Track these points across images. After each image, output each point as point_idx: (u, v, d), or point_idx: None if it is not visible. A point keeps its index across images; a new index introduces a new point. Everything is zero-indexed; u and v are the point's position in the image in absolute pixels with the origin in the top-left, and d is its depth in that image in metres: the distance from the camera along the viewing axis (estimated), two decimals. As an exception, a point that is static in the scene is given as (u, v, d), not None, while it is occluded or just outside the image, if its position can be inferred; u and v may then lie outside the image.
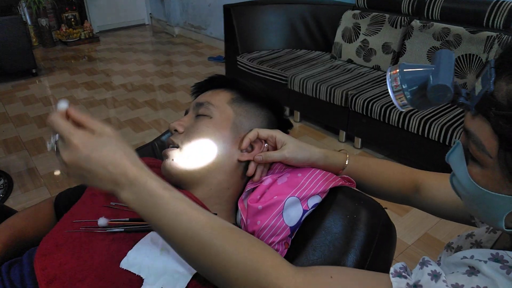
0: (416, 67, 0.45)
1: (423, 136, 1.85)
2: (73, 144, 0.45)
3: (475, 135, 0.38)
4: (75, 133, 0.46)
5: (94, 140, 0.46)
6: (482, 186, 0.39)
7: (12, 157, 2.21)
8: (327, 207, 0.66)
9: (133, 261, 0.55)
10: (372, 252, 0.62)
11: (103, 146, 0.46)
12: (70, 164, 0.46)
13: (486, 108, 0.36)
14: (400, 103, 0.46)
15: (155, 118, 2.69)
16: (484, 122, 0.37)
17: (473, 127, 0.38)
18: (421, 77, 0.43)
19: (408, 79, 0.44)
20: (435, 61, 0.44)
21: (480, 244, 0.51)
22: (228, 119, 0.69)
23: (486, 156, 0.37)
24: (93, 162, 0.45)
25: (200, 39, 4.46)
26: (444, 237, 1.60)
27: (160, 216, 0.46)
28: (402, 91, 0.45)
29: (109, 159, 0.46)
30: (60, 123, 0.46)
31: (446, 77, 0.40)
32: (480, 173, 0.39)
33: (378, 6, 2.44)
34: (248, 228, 0.65)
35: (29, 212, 0.78)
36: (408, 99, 0.45)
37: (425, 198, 0.65)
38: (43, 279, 0.56)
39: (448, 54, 0.44)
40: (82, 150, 0.45)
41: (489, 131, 0.36)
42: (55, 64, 3.81)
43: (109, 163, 0.46)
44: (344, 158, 0.70)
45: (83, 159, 0.45)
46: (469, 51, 1.99)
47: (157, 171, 0.72)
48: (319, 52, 2.77)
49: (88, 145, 0.45)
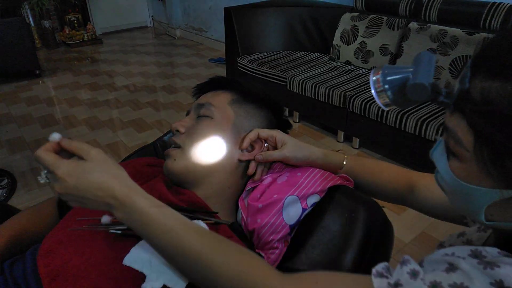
0: (397, 68, 0.47)
1: (419, 136, 1.87)
2: (59, 176, 0.47)
3: (453, 131, 0.39)
4: (59, 165, 0.48)
5: (78, 168, 0.48)
6: (462, 180, 0.40)
7: (16, 156, 2.23)
8: (326, 205, 0.67)
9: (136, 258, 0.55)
10: (370, 250, 0.63)
11: (89, 172, 0.48)
12: (62, 194, 0.49)
13: (463, 104, 0.38)
14: (383, 102, 0.48)
15: (157, 118, 2.72)
16: (461, 118, 0.38)
17: (451, 123, 0.40)
18: (401, 77, 0.46)
19: (389, 80, 0.47)
20: (415, 62, 0.46)
21: (471, 242, 0.52)
22: (229, 120, 0.70)
23: (464, 151, 0.39)
24: (82, 189, 0.48)
25: (201, 41, 4.48)
26: (441, 236, 1.62)
27: (151, 234, 0.49)
28: (385, 91, 0.47)
29: (95, 184, 0.48)
30: (45, 157, 0.48)
31: (424, 77, 0.42)
32: (459, 167, 0.41)
33: (376, 8, 2.46)
34: (249, 226, 0.66)
35: (32, 211, 0.79)
36: (390, 98, 0.47)
37: (419, 199, 0.66)
38: (46, 276, 0.56)
39: (428, 56, 0.47)
40: (69, 181, 0.47)
41: (466, 127, 0.38)
42: (58, 65, 3.83)
43: (96, 188, 0.48)
44: (342, 158, 0.71)
45: (71, 188, 0.48)
46: (466, 53, 2.01)
47: (159, 170, 0.74)
48: (318, 53, 2.79)
49: (73, 175, 0.47)
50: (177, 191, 0.69)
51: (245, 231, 0.68)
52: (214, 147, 0.68)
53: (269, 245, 0.65)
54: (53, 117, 2.75)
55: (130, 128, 2.58)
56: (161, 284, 0.53)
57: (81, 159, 0.50)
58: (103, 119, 2.70)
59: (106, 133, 2.52)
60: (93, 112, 2.81)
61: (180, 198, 0.66)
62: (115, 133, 2.53)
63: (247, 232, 0.67)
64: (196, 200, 0.66)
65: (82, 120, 2.69)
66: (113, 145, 2.37)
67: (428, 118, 1.85)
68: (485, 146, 0.37)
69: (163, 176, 0.72)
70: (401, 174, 0.70)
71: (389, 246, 0.69)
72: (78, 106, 2.92)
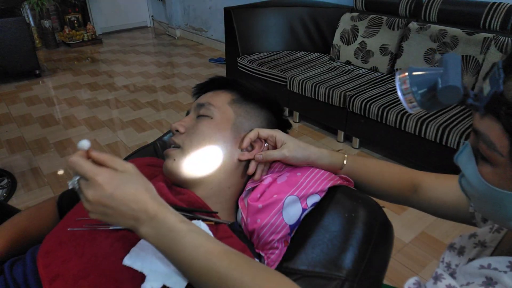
0: (425, 70, 0.45)
1: (420, 136, 1.87)
2: (98, 183, 0.46)
3: (485, 135, 0.38)
4: (99, 173, 0.47)
5: (117, 178, 0.48)
6: (494, 185, 0.39)
7: (16, 156, 2.23)
8: (326, 205, 0.67)
9: (136, 258, 0.55)
10: (370, 250, 0.63)
11: (126, 183, 0.48)
12: (94, 202, 0.47)
13: (496, 107, 0.36)
14: (409, 105, 0.46)
15: (157, 118, 2.72)
16: (494, 121, 0.37)
17: (482, 127, 0.38)
18: (430, 79, 0.44)
19: (417, 82, 0.45)
20: (442, 63, 0.45)
21: (484, 244, 0.51)
22: (229, 120, 0.70)
23: (497, 155, 0.37)
24: (117, 199, 0.47)
25: (201, 41, 4.48)
26: (441, 235, 1.62)
27: (179, 250, 0.48)
28: (412, 93, 0.45)
29: (131, 196, 0.47)
30: (83, 164, 0.47)
31: (455, 79, 0.41)
32: (491, 172, 0.39)
33: (376, 8, 2.46)
34: (248, 227, 0.66)
35: (32, 211, 0.78)
36: (418, 101, 0.45)
37: (423, 199, 0.65)
38: (46, 277, 0.56)
39: (454, 57, 0.45)
40: (106, 189, 0.46)
41: (500, 130, 0.36)
42: (58, 65, 3.83)
43: (131, 200, 0.47)
44: (342, 158, 0.71)
45: (106, 197, 0.47)
46: (466, 53, 2.02)
47: (159, 170, 0.74)
48: (318, 53, 2.80)
49: (112, 183, 0.47)
50: (177, 191, 0.69)
51: (245, 231, 0.68)
52: (214, 147, 0.68)
53: (269, 245, 0.65)
54: (53, 117, 2.75)
55: (130, 128, 2.58)
56: (161, 284, 0.53)
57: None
58: (103, 119, 2.70)
59: (106, 133, 2.52)
60: (93, 112, 2.81)
61: (180, 198, 0.66)
62: (115, 133, 2.53)
63: (247, 232, 0.67)
64: (196, 200, 0.66)
65: (82, 120, 2.69)
66: (113, 145, 2.37)
67: (428, 118, 1.85)
68: None
69: (163, 176, 0.72)
70: (403, 174, 0.69)
71: (389, 246, 0.69)
72: (78, 106, 2.92)
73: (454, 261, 0.53)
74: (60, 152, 2.29)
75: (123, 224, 0.49)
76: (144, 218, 0.48)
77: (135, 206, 0.47)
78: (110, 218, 0.49)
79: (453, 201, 0.61)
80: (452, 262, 0.53)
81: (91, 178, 0.47)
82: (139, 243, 0.57)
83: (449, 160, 2.06)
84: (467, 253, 0.52)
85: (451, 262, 0.53)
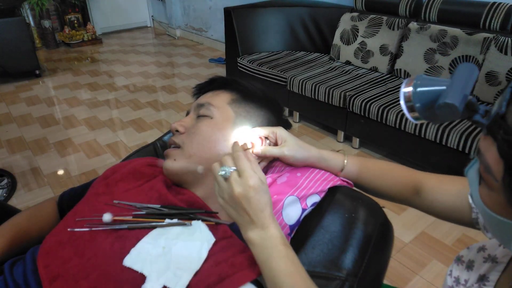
0: (430, 83, 0.44)
1: (419, 136, 1.87)
2: (249, 184, 0.51)
3: (484, 156, 0.36)
4: (254, 177, 0.52)
5: (261, 187, 0.53)
6: (489, 209, 0.37)
7: (16, 156, 2.23)
8: (326, 206, 0.67)
9: (136, 259, 0.55)
10: (370, 250, 0.63)
11: (264, 194, 0.53)
12: (234, 196, 0.52)
13: (495, 130, 0.34)
14: (412, 116, 0.45)
15: (157, 118, 2.72)
16: (492, 144, 0.35)
17: (483, 147, 0.37)
18: (434, 92, 0.43)
19: (420, 94, 0.44)
20: (453, 76, 0.43)
21: (495, 259, 0.49)
22: (229, 120, 0.70)
23: (492, 179, 0.36)
24: (251, 203, 0.52)
25: (201, 41, 4.49)
26: (441, 236, 1.62)
27: (271, 267, 0.51)
28: (414, 105, 0.44)
29: (262, 205, 0.53)
30: (245, 162, 0.52)
31: (456, 96, 0.39)
32: (487, 195, 0.38)
33: (376, 8, 2.46)
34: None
35: (32, 211, 0.78)
36: (421, 113, 0.44)
37: (426, 201, 0.64)
38: (46, 277, 0.56)
39: (469, 69, 0.43)
40: (251, 192, 0.51)
41: (496, 154, 0.34)
42: (58, 65, 3.84)
43: (260, 209, 0.52)
44: (342, 161, 0.70)
45: (246, 198, 0.52)
46: (466, 53, 2.02)
47: (159, 170, 0.74)
48: (318, 54, 2.80)
49: (256, 190, 0.52)
50: (177, 191, 0.69)
51: (245, 231, 0.68)
52: (214, 147, 0.68)
53: (270, 245, 0.65)
54: (53, 117, 2.76)
55: (130, 128, 2.58)
56: (161, 284, 0.53)
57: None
58: (103, 119, 2.70)
59: (106, 133, 2.52)
60: (93, 112, 2.81)
61: (180, 198, 0.67)
62: (115, 133, 2.53)
63: (247, 232, 0.67)
64: (196, 200, 0.66)
65: (82, 120, 2.69)
66: (113, 145, 2.37)
67: (428, 118, 1.85)
68: None
69: (163, 176, 0.72)
70: (405, 176, 0.68)
71: (389, 246, 0.69)
72: (78, 106, 2.92)
73: (463, 276, 0.52)
74: (60, 152, 2.29)
75: (237, 218, 0.54)
76: (259, 226, 0.53)
77: (260, 214, 0.52)
78: (232, 211, 0.54)
79: (455, 204, 0.60)
80: (461, 277, 0.52)
81: (245, 178, 0.52)
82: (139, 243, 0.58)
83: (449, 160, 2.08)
84: (476, 268, 0.51)
85: (460, 276, 0.52)
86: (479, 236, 1.58)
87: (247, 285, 0.53)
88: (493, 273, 0.48)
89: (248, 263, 0.55)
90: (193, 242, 0.57)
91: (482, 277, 0.49)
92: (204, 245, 0.57)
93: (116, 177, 0.72)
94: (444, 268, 1.47)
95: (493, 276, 0.48)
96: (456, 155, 1.76)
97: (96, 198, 0.69)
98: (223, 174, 0.53)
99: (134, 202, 0.66)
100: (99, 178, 0.76)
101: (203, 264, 0.55)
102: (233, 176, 0.52)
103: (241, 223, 0.54)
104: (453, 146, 1.75)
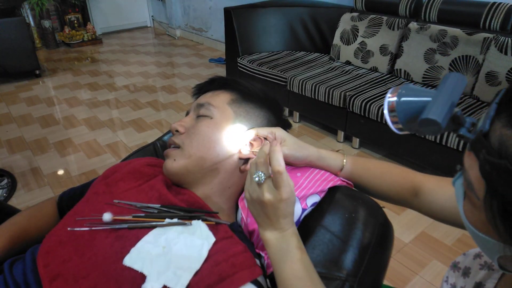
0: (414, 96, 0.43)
1: (419, 136, 1.88)
2: (283, 197, 0.52)
3: (467, 172, 0.35)
4: (286, 187, 0.52)
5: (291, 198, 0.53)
6: (472, 225, 0.37)
7: (16, 157, 2.23)
8: (326, 206, 0.67)
9: (136, 258, 0.55)
10: (370, 250, 0.63)
11: (292, 204, 0.54)
12: (264, 202, 0.52)
13: (478, 148, 0.33)
14: (395, 126, 0.45)
15: (157, 118, 2.72)
16: (475, 161, 0.33)
17: (466, 163, 0.35)
18: (418, 104, 0.42)
19: (403, 105, 0.43)
20: (439, 87, 0.41)
21: (492, 267, 0.49)
22: (228, 120, 0.70)
23: (474, 197, 0.35)
24: (278, 213, 0.53)
25: (201, 41, 4.49)
26: (441, 236, 1.62)
27: (282, 269, 0.52)
28: (397, 116, 0.44)
29: (287, 213, 0.54)
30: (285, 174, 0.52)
31: (438, 111, 0.37)
32: (471, 211, 0.37)
33: (376, 8, 2.46)
34: (249, 227, 0.66)
35: (32, 210, 0.78)
36: (404, 125, 0.44)
37: (425, 203, 0.64)
38: (46, 276, 0.56)
39: (456, 80, 0.41)
40: (281, 204, 0.52)
41: (478, 173, 0.33)
42: (58, 65, 3.84)
43: (284, 215, 0.53)
44: (341, 160, 0.70)
45: (274, 208, 0.53)
46: (466, 53, 2.02)
47: (159, 170, 0.74)
48: (318, 54, 2.80)
49: (288, 202, 0.53)
50: (177, 191, 0.69)
51: (245, 231, 0.68)
52: (214, 147, 0.68)
53: (270, 245, 0.65)
54: (53, 117, 2.76)
55: (130, 128, 2.58)
56: (161, 284, 0.53)
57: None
58: (103, 119, 2.70)
59: (106, 133, 2.52)
60: (93, 112, 2.81)
61: (180, 198, 0.67)
62: (115, 133, 2.53)
63: (247, 232, 0.67)
64: (196, 200, 0.66)
65: (82, 120, 2.69)
66: (113, 145, 2.37)
67: (428, 118, 1.85)
68: (495, 200, 0.32)
69: (163, 176, 0.72)
70: (404, 177, 0.68)
71: (389, 246, 0.69)
72: (78, 106, 2.92)
73: (459, 283, 0.51)
74: (60, 152, 2.29)
75: (257, 218, 0.55)
76: (277, 229, 0.54)
77: (281, 220, 0.54)
78: (254, 210, 0.55)
79: (454, 207, 0.59)
80: (457, 284, 0.51)
81: (280, 190, 0.52)
82: (139, 243, 0.58)
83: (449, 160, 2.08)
84: (473, 275, 0.50)
85: (456, 283, 0.52)
86: (479, 236, 1.58)
87: (248, 285, 0.53)
88: (490, 281, 0.48)
89: (249, 263, 0.55)
90: (193, 242, 0.57)
91: (479, 284, 0.49)
92: (205, 244, 0.57)
93: (116, 177, 0.72)
94: (444, 268, 1.47)
95: (489, 284, 0.48)
96: (456, 155, 1.76)
97: (96, 197, 0.69)
98: (257, 181, 0.53)
99: (134, 202, 0.66)
100: (99, 178, 0.76)
101: (203, 264, 0.55)
102: (267, 183, 0.53)
103: (260, 223, 0.55)
104: (453, 146, 1.75)
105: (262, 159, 0.53)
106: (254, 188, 0.54)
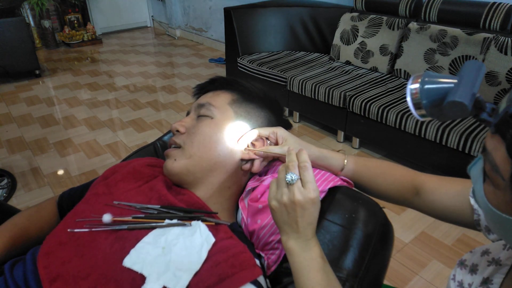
0: (438, 81, 0.43)
1: (419, 136, 1.87)
2: (311, 196, 0.53)
3: (491, 155, 0.36)
4: (316, 190, 0.54)
5: (318, 202, 0.55)
6: (494, 206, 0.37)
7: (16, 157, 2.23)
8: (326, 206, 0.66)
9: (136, 259, 0.55)
10: (370, 251, 0.63)
11: (317, 209, 0.55)
12: (295, 202, 0.53)
13: (504, 129, 0.34)
14: (419, 113, 0.45)
15: (157, 118, 2.72)
16: (501, 143, 0.34)
17: (490, 146, 0.36)
18: (442, 90, 0.42)
19: (427, 91, 0.43)
20: (459, 73, 0.42)
21: (499, 262, 0.49)
22: (229, 120, 0.70)
23: (499, 178, 0.36)
24: (305, 215, 0.54)
25: (201, 41, 4.49)
26: (441, 235, 1.62)
27: (307, 277, 0.53)
28: (421, 102, 0.44)
29: (312, 219, 0.55)
30: (312, 174, 0.54)
31: (464, 94, 0.38)
32: (493, 193, 0.38)
33: (376, 8, 2.46)
34: (249, 227, 0.66)
35: (32, 211, 0.78)
36: (427, 111, 0.44)
37: (425, 202, 0.64)
38: (46, 278, 0.56)
39: (476, 67, 0.42)
40: (309, 203, 0.53)
41: (505, 153, 0.34)
42: (58, 65, 3.84)
43: (309, 222, 0.54)
44: (342, 159, 0.70)
45: (303, 208, 0.53)
46: (465, 53, 2.02)
47: (159, 170, 0.74)
48: (318, 54, 2.80)
49: (315, 203, 0.54)
50: (177, 191, 0.69)
51: (245, 231, 0.68)
52: (214, 147, 0.68)
53: (270, 246, 0.65)
54: (53, 117, 2.76)
55: (130, 128, 2.58)
56: (161, 285, 0.53)
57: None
58: (103, 119, 2.70)
59: (106, 133, 2.52)
60: (93, 112, 2.81)
61: (180, 198, 0.67)
62: (115, 133, 2.53)
63: (247, 233, 0.67)
64: (196, 201, 0.66)
65: (82, 120, 2.69)
66: (113, 145, 2.37)
67: (428, 118, 1.85)
68: None
69: (163, 177, 0.72)
70: (405, 176, 0.68)
71: (389, 246, 0.69)
72: (78, 106, 2.92)
73: (466, 279, 0.51)
74: (60, 152, 2.29)
75: (283, 225, 0.55)
76: (302, 237, 0.55)
77: (307, 227, 0.54)
78: (281, 216, 0.55)
79: (455, 206, 0.60)
80: (464, 281, 0.52)
81: (308, 190, 0.53)
82: (138, 244, 0.58)
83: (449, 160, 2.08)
84: (480, 272, 0.51)
85: (463, 280, 0.52)
86: (479, 237, 1.58)
87: (247, 285, 0.53)
88: (497, 276, 0.48)
89: (248, 263, 0.55)
90: (193, 243, 0.57)
91: (486, 280, 0.49)
92: (204, 245, 0.57)
93: (116, 178, 0.72)
94: (444, 268, 1.47)
95: (497, 279, 0.48)
96: (456, 155, 1.76)
97: (96, 198, 0.69)
98: (289, 180, 0.54)
99: (134, 202, 0.66)
100: (99, 179, 0.76)
101: (203, 265, 0.55)
102: (297, 184, 0.54)
103: (285, 230, 0.55)
104: (453, 146, 1.75)
105: (293, 162, 0.55)
106: (283, 192, 0.54)
